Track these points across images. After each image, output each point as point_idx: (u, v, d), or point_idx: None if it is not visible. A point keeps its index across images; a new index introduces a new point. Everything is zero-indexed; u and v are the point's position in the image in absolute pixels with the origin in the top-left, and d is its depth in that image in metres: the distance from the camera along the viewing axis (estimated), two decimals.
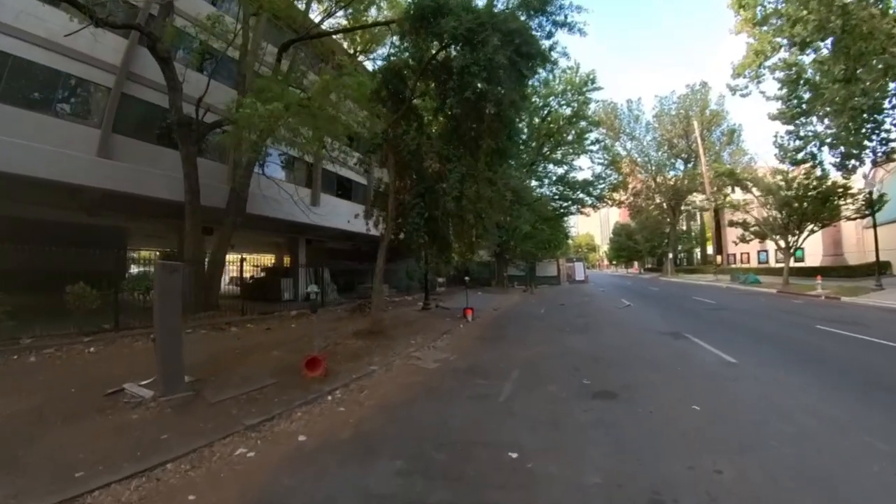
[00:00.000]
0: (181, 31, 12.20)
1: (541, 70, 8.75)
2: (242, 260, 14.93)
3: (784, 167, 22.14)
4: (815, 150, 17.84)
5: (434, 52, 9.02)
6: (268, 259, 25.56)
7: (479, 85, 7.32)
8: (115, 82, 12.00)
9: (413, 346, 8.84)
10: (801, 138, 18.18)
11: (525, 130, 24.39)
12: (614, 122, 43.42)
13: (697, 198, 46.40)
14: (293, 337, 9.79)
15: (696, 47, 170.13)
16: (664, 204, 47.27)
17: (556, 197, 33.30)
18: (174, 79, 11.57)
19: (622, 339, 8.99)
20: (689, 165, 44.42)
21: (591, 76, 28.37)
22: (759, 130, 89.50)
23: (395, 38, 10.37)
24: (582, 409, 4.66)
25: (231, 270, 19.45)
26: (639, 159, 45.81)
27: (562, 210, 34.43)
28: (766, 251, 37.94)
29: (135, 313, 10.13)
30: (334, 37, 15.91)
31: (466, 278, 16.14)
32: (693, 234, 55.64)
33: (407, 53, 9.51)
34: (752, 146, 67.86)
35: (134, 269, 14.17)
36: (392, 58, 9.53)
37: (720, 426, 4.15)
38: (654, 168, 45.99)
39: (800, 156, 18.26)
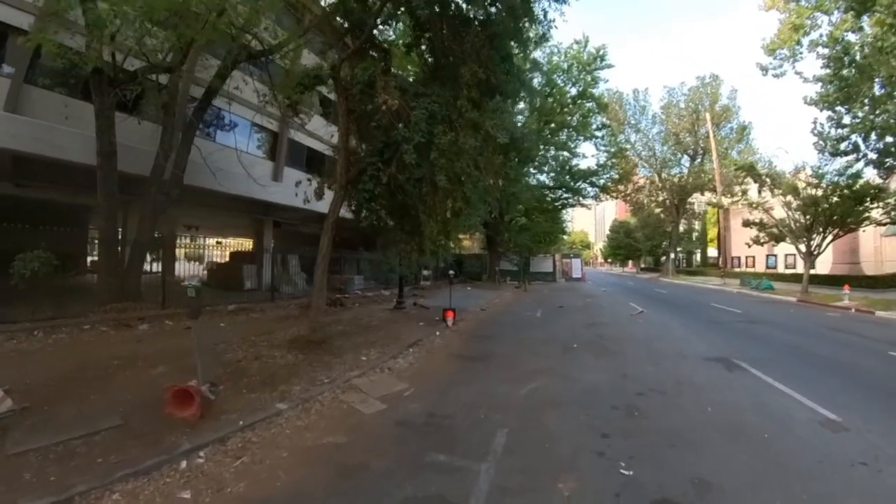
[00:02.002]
0: None
1: None
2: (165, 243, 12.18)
3: (811, 163, 19.84)
4: (859, 139, 15.38)
5: None
6: (248, 244, 23.14)
7: None
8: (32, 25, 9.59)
9: (361, 365, 6.33)
10: (843, 126, 15.71)
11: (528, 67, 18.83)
12: (619, 112, 40.77)
13: (704, 197, 44.04)
14: (210, 343, 7.26)
15: (697, 44, 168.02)
16: (667, 201, 44.84)
17: (556, 186, 30.53)
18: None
19: (657, 371, 6.37)
20: (697, 161, 41.98)
21: (601, 52, 25.11)
22: (768, 127, 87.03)
23: None
24: None
25: (213, 255, 18.50)
26: (643, 153, 43.21)
27: (562, 201, 31.70)
28: (774, 255, 35.81)
29: (30, 301, 7.80)
30: None
31: (451, 272, 13.53)
32: (695, 234, 53.55)
33: None
34: (763, 144, 65.42)
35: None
36: None
37: None
38: (658, 163, 43.45)
39: (842, 146, 15.81)
